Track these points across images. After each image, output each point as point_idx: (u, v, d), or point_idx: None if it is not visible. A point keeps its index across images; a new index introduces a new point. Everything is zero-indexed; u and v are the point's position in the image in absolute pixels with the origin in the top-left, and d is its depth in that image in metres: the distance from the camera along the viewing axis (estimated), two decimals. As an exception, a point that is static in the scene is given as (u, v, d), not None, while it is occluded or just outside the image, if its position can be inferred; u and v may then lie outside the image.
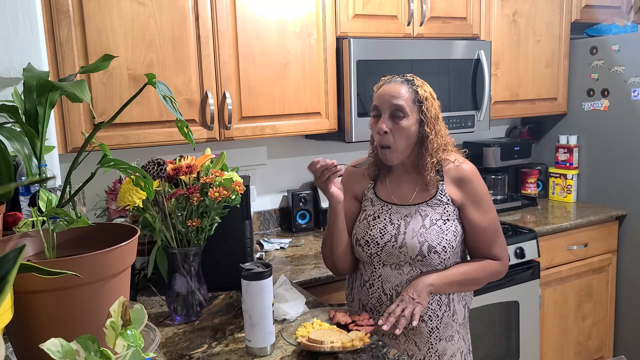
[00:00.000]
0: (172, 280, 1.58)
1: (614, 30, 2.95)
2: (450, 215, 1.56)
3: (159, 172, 1.42)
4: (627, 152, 2.84)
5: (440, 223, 1.55)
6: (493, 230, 1.60)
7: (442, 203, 1.57)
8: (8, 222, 1.29)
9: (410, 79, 1.56)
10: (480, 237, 1.59)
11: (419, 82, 1.56)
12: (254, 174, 2.58)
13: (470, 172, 1.59)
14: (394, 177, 1.64)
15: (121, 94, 1.91)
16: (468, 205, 1.57)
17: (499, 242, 1.61)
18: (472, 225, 1.57)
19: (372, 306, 1.63)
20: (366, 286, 1.64)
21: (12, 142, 1.12)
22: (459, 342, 1.64)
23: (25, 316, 0.86)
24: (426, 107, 1.53)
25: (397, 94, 1.52)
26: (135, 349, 0.78)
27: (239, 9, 2.09)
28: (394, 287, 1.58)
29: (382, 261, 1.59)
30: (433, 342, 1.59)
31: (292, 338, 1.39)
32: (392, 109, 1.52)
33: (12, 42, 1.60)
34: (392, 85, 1.54)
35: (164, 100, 1.08)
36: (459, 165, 1.59)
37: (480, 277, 1.60)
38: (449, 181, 1.58)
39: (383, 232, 1.58)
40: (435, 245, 1.52)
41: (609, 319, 2.96)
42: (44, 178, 0.51)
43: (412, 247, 1.53)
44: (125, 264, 0.95)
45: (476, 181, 1.59)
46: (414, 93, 1.53)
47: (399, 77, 1.57)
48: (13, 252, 0.52)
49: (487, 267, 1.60)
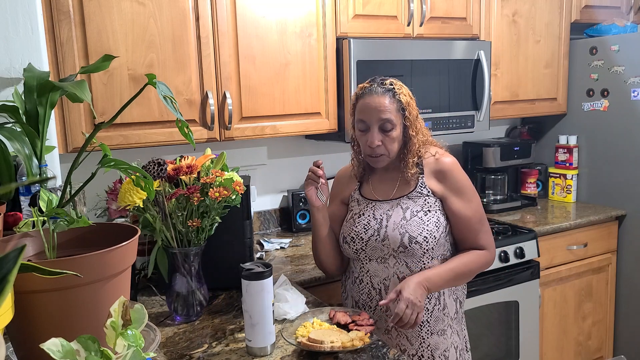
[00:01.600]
0: (172, 280, 1.58)
1: (614, 31, 2.95)
2: (432, 206, 1.60)
3: (160, 172, 1.43)
4: (627, 152, 2.84)
5: (421, 214, 1.58)
6: (478, 219, 1.62)
7: (422, 195, 1.60)
8: (8, 222, 1.29)
9: (390, 87, 1.57)
10: (465, 226, 1.61)
11: (397, 87, 1.57)
12: (254, 174, 2.58)
13: (449, 164, 1.62)
14: (377, 176, 1.70)
15: (121, 94, 1.92)
16: (450, 196, 1.60)
17: (484, 230, 1.64)
18: (456, 215, 1.60)
19: (364, 302, 1.66)
20: (356, 282, 1.68)
21: (12, 142, 1.12)
22: (453, 336, 1.66)
23: (26, 316, 0.86)
24: (408, 112, 1.57)
25: (383, 108, 1.54)
26: (136, 348, 0.78)
27: (239, 9, 2.09)
28: (381, 281, 1.62)
29: (367, 256, 1.63)
30: (424, 336, 1.61)
31: (292, 338, 1.39)
32: (380, 123, 1.56)
33: (13, 42, 1.60)
34: (375, 98, 1.55)
35: (165, 101, 1.08)
36: (439, 158, 1.63)
37: (471, 269, 1.62)
38: (428, 174, 1.62)
39: (367, 228, 1.62)
40: (416, 236, 1.55)
41: (609, 319, 2.97)
42: (45, 178, 0.51)
43: (393, 238, 1.57)
44: (126, 264, 0.95)
45: (456, 172, 1.62)
46: (397, 102, 1.56)
47: (377, 85, 1.57)
48: (13, 252, 0.52)
49: (476, 258, 1.62)
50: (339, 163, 2.73)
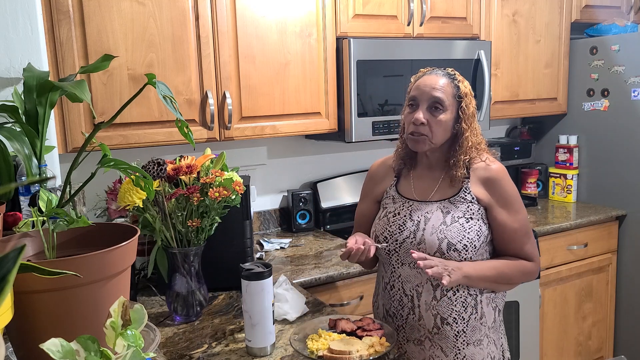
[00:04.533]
0: (172, 280, 1.58)
1: (614, 30, 2.95)
2: (475, 214, 1.50)
3: (159, 172, 1.42)
4: (627, 152, 2.84)
5: (463, 221, 1.48)
6: (524, 232, 1.54)
7: (465, 201, 1.51)
8: (8, 222, 1.29)
9: (452, 73, 1.52)
10: (511, 238, 1.52)
11: (460, 78, 1.52)
12: (254, 174, 2.58)
13: (499, 173, 1.53)
14: (417, 173, 1.60)
15: (121, 94, 1.91)
16: (497, 206, 1.51)
17: (530, 242, 1.55)
18: (502, 226, 1.51)
19: (395, 310, 1.56)
20: (387, 289, 1.58)
21: (12, 142, 1.12)
22: (489, 346, 1.55)
23: (26, 316, 0.86)
24: (465, 104, 1.49)
25: (438, 86, 1.47)
26: (135, 349, 0.78)
27: (239, 9, 2.09)
28: (414, 287, 1.51)
29: (400, 260, 1.53)
30: (460, 347, 1.50)
31: (307, 351, 1.33)
32: (430, 101, 1.47)
33: (12, 42, 1.60)
34: (433, 76, 1.50)
35: (164, 100, 1.08)
36: (489, 165, 1.54)
37: (514, 274, 1.53)
38: (475, 180, 1.53)
39: (402, 229, 1.52)
40: (456, 243, 1.46)
41: (609, 319, 2.96)
42: (44, 178, 0.51)
43: (430, 243, 1.47)
44: (125, 264, 0.95)
45: (505, 181, 1.53)
46: (455, 88, 1.49)
47: (440, 70, 1.53)
48: (13, 252, 0.52)
49: (520, 265, 1.53)
50: (339, 163, 2.74)
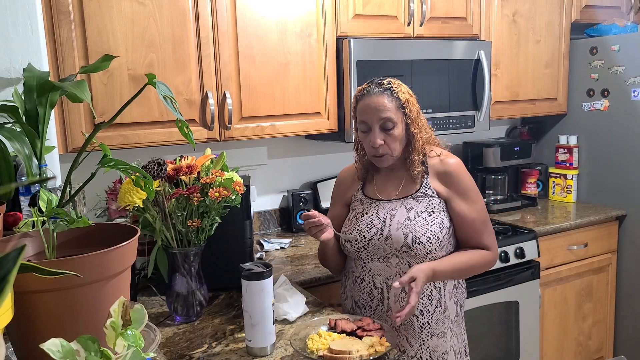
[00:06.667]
0: (172, 280, 1.58)
1: (614, 31, 2.95)
2: (436, 207, 1.60)
3: (159, 172, 1.42)
4: (627, 152, 2.84)
5: (425, 215, 1.58)
6: (482, 221, 1.63)
7: (426, 196, 1.61)
8: (8, 222, 1.29)
9: (388, 86, 1.58)
10: (470, 228, 1.62)
11: (396, 86, 1.58)
12: (254, 174, 2.58)
13: (455, 166, 1.62)
14: (381, 176, 1.70)
15: (121, 94, 1.91)
16: (455, 198, 1.61)
17: (487, 231, 1.65)
18: (460, 217, 1.61)
19: (364, 302, 1.65)
20: (357, 282, 1.67)
21: (12, 142, 1.12)
22: (452, 339, 1.66)
23: (26, 316, 0.86)
24: (409, 109, 1.57)
25: (382, 107, 1.55)
26: (136, 349, 0.78)
27: (239, 9, 2.09)
28: (384, 280, 1.62)
29: (370, 255, 1.62)
30: (424, 338, 1.61)
31: (307, 351, 1.33)
32: (381, 122, 1.56)
33: (12, 42, 1.60)
34: (374, 98, 1.56)
35: (164, 101, 1.08)
36: (444, 159, 1.63)
37: (473, 266, 1.62)
38: (433, 175, 1.63)
39: (370, 227, 1.62)
40: (420, 236, 1.56)
41: (609, 319, 2.96)
42: (44, 178, 0.51)
43: (397, 238, 1.57)
44: (126, 264, 0.95)
45: (461, 174, 1.62)
46: (396, 100, 1.56)
47: (375, 85, 1.59)
48: (13, 252, 0.52)
49: (480, 256, 1.63)
50: (339, 163, 2.73)
